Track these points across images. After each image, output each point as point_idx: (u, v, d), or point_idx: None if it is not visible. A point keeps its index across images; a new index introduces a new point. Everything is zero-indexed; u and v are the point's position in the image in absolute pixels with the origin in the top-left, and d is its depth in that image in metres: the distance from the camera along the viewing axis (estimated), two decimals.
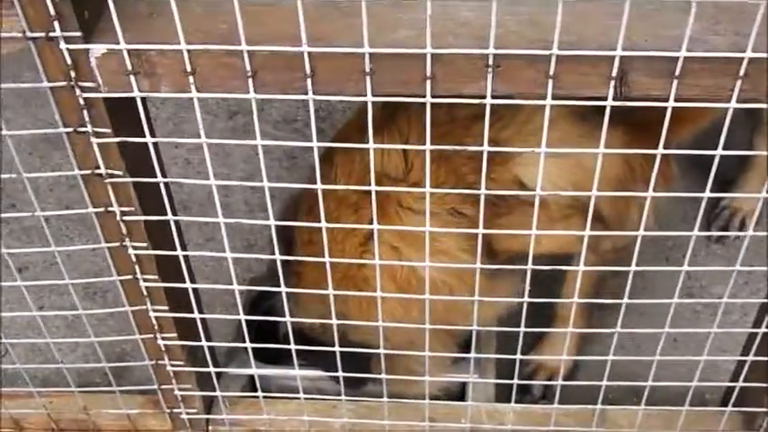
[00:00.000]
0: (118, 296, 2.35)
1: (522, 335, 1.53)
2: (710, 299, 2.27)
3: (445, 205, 1.58)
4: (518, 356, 1.57)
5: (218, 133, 2.81)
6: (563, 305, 2.00)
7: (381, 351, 1.50)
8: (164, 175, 1.31)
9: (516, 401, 1.76)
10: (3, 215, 2.47)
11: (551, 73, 1.08)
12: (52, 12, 1.07)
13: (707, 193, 1.25)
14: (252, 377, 1.91)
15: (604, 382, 1.60)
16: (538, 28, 1.10)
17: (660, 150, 1.17)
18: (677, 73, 1.07)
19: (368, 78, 1.11)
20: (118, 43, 1.10)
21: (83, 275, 2.46)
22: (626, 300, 1.44)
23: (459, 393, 1.90)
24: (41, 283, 1.93)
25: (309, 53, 1.09)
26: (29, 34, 1.10)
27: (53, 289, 2.40)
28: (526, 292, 1.41)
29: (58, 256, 1.50)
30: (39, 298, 2.39)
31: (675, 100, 1.10)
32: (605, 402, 1.74)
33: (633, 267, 1.38)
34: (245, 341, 1.60)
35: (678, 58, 1.06)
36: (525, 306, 1.45)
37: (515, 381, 1.62)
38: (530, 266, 1.35)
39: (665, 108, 1.11)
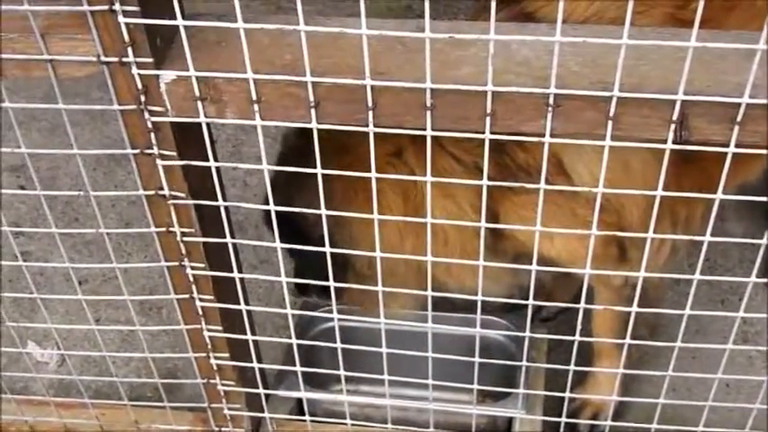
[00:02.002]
0: (172, 312, 2.42)
1: (570, 373, 1.52)
2: (765, 345, 2.23)
3: (471, 156, 1.56)
4: (567, 394, 1.56)
5: (276, 157, 2.86)
6: (597, 347, 1.98)
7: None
8: (224, 199, 1.35)
9: None
10: (67, 230, 2.54)
11: (611, 114, 1.09)
12: (126, 38, 1.11)
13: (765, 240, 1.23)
14: (300, 401, 1.93)
15: (654, 425, 1.58)
16: (599, 69, 1.11)
17: (719, 195, 1.17)
18: (738, 119, 1.07)
19: (428, 113, 1.12)
20: (187, 70, 1.14)
21: (138, 291, 2.51)
22: (679, 343, 1.42)
23: (505, 428, 1.90)
24: (101, 298, 1.98)
25: (372, 86, 1.11)
26: (103, 59, 1.14)
27: (110, 303, 2.45)
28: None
29: (118, 272, 1.52)
30: (96, 311, 2.45)
31: (735, 146, 1.10)
32: None
33: (687, 311, 1.36)
34: (294, 364, 1.62)
35: (740, 104, 1.06)
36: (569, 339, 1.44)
37: (563, 419, 1.60)
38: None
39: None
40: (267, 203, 1.31)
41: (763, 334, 2.26)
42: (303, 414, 1.88)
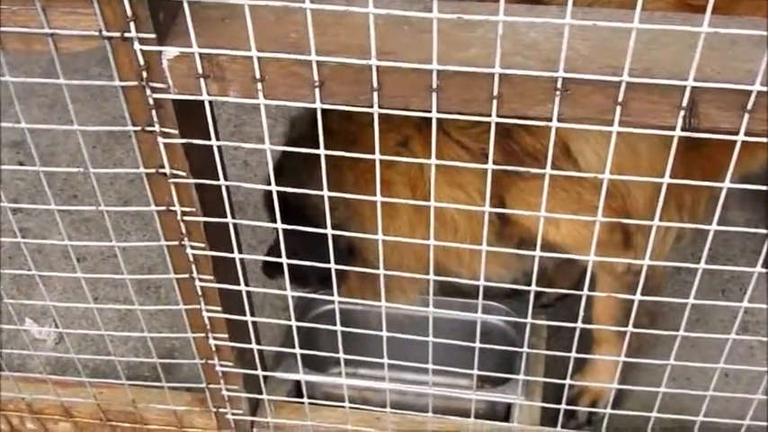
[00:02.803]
0: (170, 292, 2.42)
1: (571, 360, 1.51)
2: (766, 336, 2.23)
3: (478, 143, 1.54)
4: (567, 381, 1.55)
5: (277, 137, 2.84)
6: (597, 333, 1.97)
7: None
8: (225, 178, 1.33)
9: (561, 426, 1.74)
10: (67, 207, 2.53)
11: (620, 99, 1.07)
12: (129, 13, 1.09)
13: None
14: (298, 383, 1.92)
15: (654, 414, 1.57)
16: (608, 54, 1.09)
17: (727, 184, 1.15)
18: (749, 107, 1.06)
19: (434, 95, 1.11)
20: (190, 46, 1.12)
21: (137, 270, 2.50)
22: (681, 332, 1.41)
23: (504, 414, 1.89)
24: (100, 276, 1.96)
25: (377, 67, 1.09)
26: (105, 33, 1.12)
27: (108, 281, 2.44)
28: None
29: (117, 251, 1.51)
30: (93, 289, 2.44)
31: (744, 134, 1.09)
32: None
33: (691, 300, 1.35)
34: (293, 346, 1.61)
35: (751, 91, 1.05)
36: (574, 327, 1.43)
37: (563, 405, 1.60)
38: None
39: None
40: (268, 185, 1.30)
41: (764, 324, 2.25)
42: (301, 396, 1.87)
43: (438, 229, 1.40)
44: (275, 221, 1.34)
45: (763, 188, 1.17)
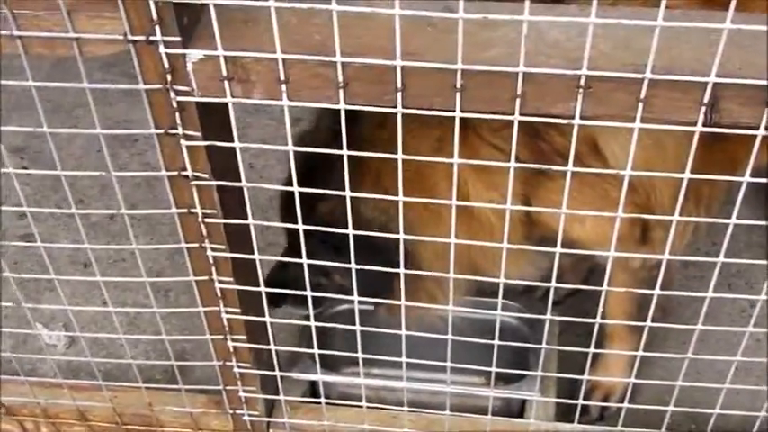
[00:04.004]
0: (180, 295, 2.42)
1: (589, 355, 1.52)
2: None
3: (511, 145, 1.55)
4: (584, 376, 1.56)
5: (282, 140, 2.84)
6: (609, 329, 1.99)
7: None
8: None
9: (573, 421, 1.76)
10: (85, 211, 2.53)
11: (642, 96, 1.09)
12: (155, 16, 1.09)
13: None
14: (313, 384, 1.93)
15: (671, 408, 1.58)
16: (630, 51, 1.11)
17: (746, 178, 1.17)
18: None
19: (458, 94, 1.12)
20: (215, 49, 1.13)
21: (146, 273, 2.49)
22: (700, 326, 1.42)
23: (518, 411, 1.90)
24: (118, 279, 1.97)
25: (402, 67, 1.10)
26: (130, 37, 1.13)
27: (116, 285, 2.44)
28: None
29: (137, 253, 1.52)
30: (102, 294, 2.43)
31: (765, 129, 1.10)
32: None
33: (710, 294, 1.36)
34: (308, 346, 1.62)
35: None
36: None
37: (579, 401, 1.61)
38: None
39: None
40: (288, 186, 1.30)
41: None
42: (315, 396, 1.88)
43: (477, 231, 1.41)
44: (290, 222, 1.34)
45: None
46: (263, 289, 1.48)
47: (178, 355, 2.26)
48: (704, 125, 1.11)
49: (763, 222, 1.31)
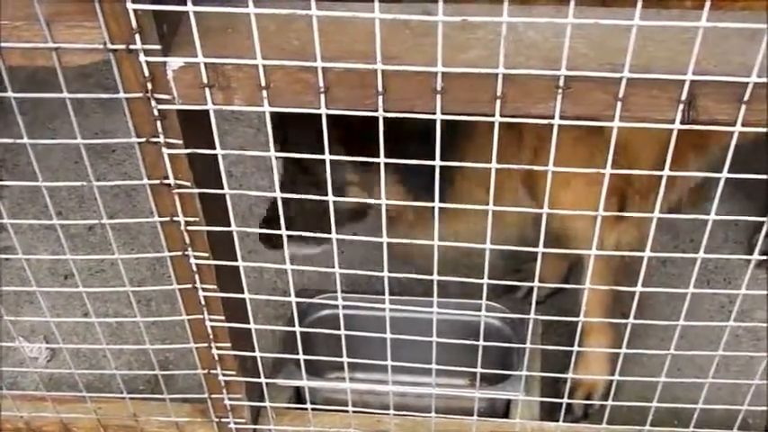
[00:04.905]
0: (161, 304, 2.41)
1: (573, 354, 1.54)
2: (752, 322, 2.28)
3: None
4: (568, 375, 1.57)
5: (260, 146, 2.85)
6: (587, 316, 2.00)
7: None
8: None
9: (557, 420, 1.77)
10: (68, 222, 2.51)
11: (621, 95, 1.10)
12: (134, 25, 1.09)
13: None
14: (297, 390, 1.93)
15: (654, 404, 1.60)
16: (607, 51, 1.12)
17: (725, 174, 1.19)
18: (746, 98, 1.09)
19: (438, 97, 1.13)
20: (195, 56, 1.13)
21: (126, 283, 2.49)
22: (681, 322, 1.43)
23: (503, 411, 1.91)
24: (102, 290, 1.96)
25: (383, 71, 1.11)
26: (110, 46, 1.13)
27: (98, 296, 2.43)
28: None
29: (120, 264, 1.51)
30: (82, 305, 2.43)
31: (741, 125, 1.12)
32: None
33: (691, 290, 1.38)
34: (292, 352, 1.62)
35: (747, 83, 1.08)
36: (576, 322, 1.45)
37: (564, 400, 1.62)
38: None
39: None
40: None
41: (750, 312, 2.30)
42: (300, 402, 1.88)
43: None
44: None
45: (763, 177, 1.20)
46: (247, 296, 1.48)
47: (161, 365, 2.25)
48: (682, 122, 1.12)
49: (742, 218, 1.32)
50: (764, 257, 1.37)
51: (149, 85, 1.16)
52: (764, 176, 1.19)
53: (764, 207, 2.29)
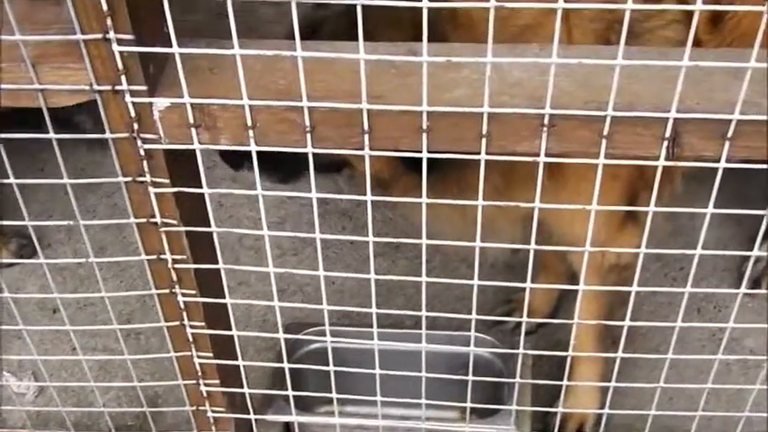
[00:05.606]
0: (150, 338, 2.40)
1: (563, 387, 1.53)
2: (742, 352, 2.28)
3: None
4: (558, 409, 1.57)
5: (252, 179, 2.84)
6: (577, 343, 1.99)
7: None
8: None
9: None
10: (56, 261, 2.50)
11: (605, 133, 1.10)
12: (120, 66, 1.10)
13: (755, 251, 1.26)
14: (287, 425, 1.92)
15: None
16: (591, 89, 1.13)
17: (710, 210, 1.19)
18: (729, 135, 1.09)
19: (424, 135, 1.13)
20: (181, 97, 1.13)
21: (116, 317, 2.46)
22: (671, 355, 1.43)
23: None
24: (90, 327, 1.95)
25: (368, 110, 1.11)
26: (96, 87, 1.13)
27: (85, 330, 2.41)
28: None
29: (107, 301, 1.50)
30: (70, 339, 2.41)
31: (726, 161, 1.12)
32: None
33: (679, 323, 1.38)
34: (281, 387, 1.61)
35: (730, 120, 1.08)
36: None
37: None
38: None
39: None
40: None
41: (741, 341, 2.30)
42: None
43: None
44: None
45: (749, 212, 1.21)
46: (235, 333, 1.47)
47: (150, 400, 2.23)
48: (666, 159, 1.13)
49: (729, 252, 1.32)
50: (752, 291, 1.37)
51: (135, 125, 1.16)
52: (751, 211, 1.20)
53: (754, 233, 2.30)
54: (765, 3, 0.98)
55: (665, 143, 1.11)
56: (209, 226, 1.32)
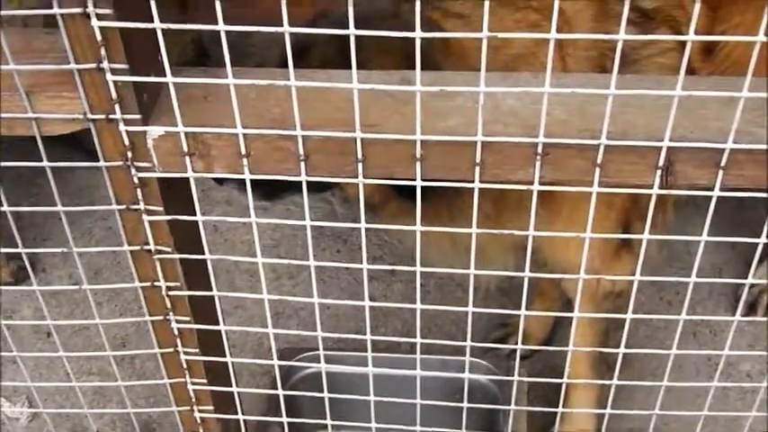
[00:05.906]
0: (145, 362, 2.39)
1: (558, 414, 1.52)
2: (739, 376, 2.27)
3: None
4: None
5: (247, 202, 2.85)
6: (572, 369, 1.98)
7: None
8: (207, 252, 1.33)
9: None
10: (50, 287, 2.50)
11: (599, 161, 1.11)
12: (114, 95, 1.10)
13: (750, 280, 1.26)
14: None
15: None
16: (585, 117, 1.13)
17: (704, 237, 1.19)
18: (723, 163, 1.10)
19: (418, 164, 1.13)
20: (175, 125, 1.13)
21: (110, 341, 2.46)
22: (665, 382, 1.43)
23: None
24: (85, 354, 1.94)
25: (362, 139, 1.11)
26: (90, 116, 1.13)
27: (80, 354, 2.41)
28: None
29: (101, 328, 1.50)
30: (64, 363, 2.40)
31: (720, 189, 1.12)
32: None
33: (674, 351, 1.38)
34: (276, 414, 1.60)
35: (724, 149, 1.09)
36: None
37: None
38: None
39: None
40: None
41: (737, 365, 2.29)
42: None
43: None
44: None
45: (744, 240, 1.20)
46: (229, 359, 1.46)
47: (145, 425, 2.23)
48: (660, 187, 1.13)
49: (724, 280, 1.32)
50: (747, 318, 1.37)
51: (129, 154, 1.16)
52: (746, 239, 1.20)
53: (749, 257, 2.30)
54: (758, 32, 0.99)
55: (659, 172, 1.11)
56: (204, 252, 1.31)
